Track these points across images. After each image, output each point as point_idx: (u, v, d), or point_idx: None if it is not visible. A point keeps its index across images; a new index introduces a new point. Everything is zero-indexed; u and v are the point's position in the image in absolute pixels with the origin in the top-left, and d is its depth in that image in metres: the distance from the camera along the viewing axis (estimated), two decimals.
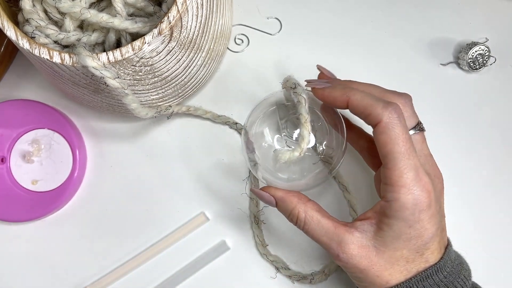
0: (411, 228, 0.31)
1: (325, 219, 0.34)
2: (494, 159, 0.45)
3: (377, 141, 0.32)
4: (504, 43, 0.47)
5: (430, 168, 0.34)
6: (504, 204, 0.44)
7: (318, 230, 0.33)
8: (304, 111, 0.35)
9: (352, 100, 0.33)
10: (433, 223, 0.32)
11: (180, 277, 0.43)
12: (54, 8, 0.36)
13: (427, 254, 0.32)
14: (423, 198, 0.31)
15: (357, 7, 0.48)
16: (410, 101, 0.35)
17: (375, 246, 0.32)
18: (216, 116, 0.45)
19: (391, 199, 0.31)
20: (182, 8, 0.33)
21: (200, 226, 0.44)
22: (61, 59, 0.33)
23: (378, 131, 0.32)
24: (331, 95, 0.34)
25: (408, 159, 0.31)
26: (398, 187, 0.31)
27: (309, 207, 0.34)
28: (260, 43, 0.47)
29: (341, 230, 0.33)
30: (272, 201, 0.36)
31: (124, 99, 0.35)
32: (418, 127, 0.34)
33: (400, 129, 0.31)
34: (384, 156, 0.32)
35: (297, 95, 0.36)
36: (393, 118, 0.31)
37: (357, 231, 0.33)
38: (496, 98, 0.46)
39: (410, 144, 0.31)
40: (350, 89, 0.33)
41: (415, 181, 0.31)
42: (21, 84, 0.46)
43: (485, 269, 0.42)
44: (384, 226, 0.32)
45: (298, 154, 0.34)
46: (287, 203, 0.35)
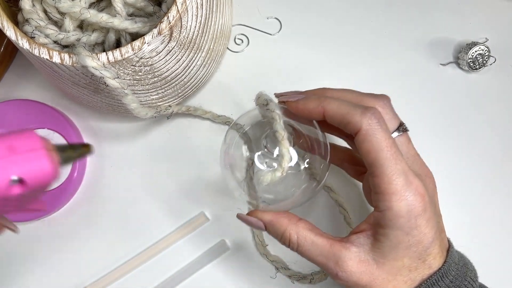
0: (409, 235, 0.30)
1: (319, 237, 0.32)
2: (494, 159, 0.45)
3: (361, 150, 0.30)
4: (504, 43, 0.47)
5: (420, 168, 0.33)
6: (505, 204, 0.44)
7: (313, 250, 0.32)
8: (280, 128, 0.32)
9: (328, 110, 0.31)
10: (431, 227, 0.30)
11: (180, 277, 0.43)
12: (53, 8, 0.36)
13: (430, 260, 0.31)
14: (417, 202, 0.30)
15: (357, 7, 0.48)
16: (389, 103, 0.33)
17: (374, 259, 0.31)
18: (216, 116, 0.45)
19: (384, 208, 0.30)
20: (181, 8, 0.33)
21: (200, 226, 0.44)
22: (61, 59, 0.33)
23: (360, 140, 0.30)
24: (306, 107, 0.33)
25: (395, 164, 0.29)
26: (389, 195, 0.29)
27: (300, 227, 0.32)
28: (260, 43, 0.47)
29: (337, 247, 0.31)
30: (261, 226, 0.34)
31: (124, 99, 0.35)
32: (401, 128, 0.33)
33: (382, 134, 0.30)
34: (370, 164, 0.30)
35: (270, 111, 0.33)
36: (373, 124, 0.30)
37: (354, 246, 0.31)
38: (496, 98, 0.46)
39: (395, 148, 0.30)
40: (324, 98, 0.32)
41: (406, 186, 0.29)
42: (21, 84, 0.46)
43: (485, 269, 0.43)
44: (380, 237, 0.30)
45: (280, 174, 0.32)
46: (276, 226, 0.33)
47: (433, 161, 0.34)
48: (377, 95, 0.33)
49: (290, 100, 0.34)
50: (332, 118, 0.32)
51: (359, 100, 0.33)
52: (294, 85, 0.46)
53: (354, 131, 0.30)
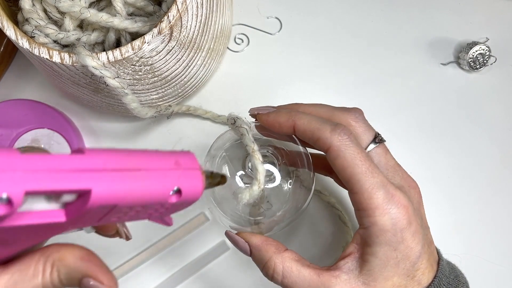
0: (396, 251, 0.29)
1: (306, 268, 0.30)
2: (495, 159, 0.45)
3: (335, 167, 0.30)
4: (505, 43, 0.47)
5: (402, 179, 0.31)
6: (506, 204, 0.44)
7: (300, 282, 0.30)
8: (249, 141, 0.31)
9: (298, 125, 0.31)
10: (417, 241, 0.29)
11: (180, 277, 0.43)
12: (53, 8, 0.35)
13: (419, 276, 0.30)
14: (401, 215, 0.28)
15: (357, 7, 0.48)
16: (361, 115, 0.32)
17: (365, 282, 0.29)
18: (216, 116, 0.45)
19: (368, 225, 0.29)
20: (182, 7, 0.33)
21: (200, 226, 0.44)
22: (61, 58, 0.33)
23: (332, 156, 0.29)
24: (276, 120, 0.32)
25: (372, 177, 0.29)
26: (372, 210, 0.28)
27: (286, 257, 0.31)
28: (260, 43, 0.47)
29: (326, 276, 0.30)
30: (247, 249, 0.32)
31: (124, 99, 0.35)
32: (377, 139, 0.32)
33: (354, 149, 0.29)
34: (347, 181, 0.29)
35: (238, 127, 0.33)
36: (343, 140, 0.29)
37: (343, 273, 0.30)
38: (497, 97, 0.46)
39: (369, 161, 0.29)
40: (296, 112, 0.32)
41: (387, 199, 0.28)
42: (20, 84, 0.46)
43: (482, 273, 0.42)
44: (368, 257, 0.29)
45: (257, 188, 0.31)
46: (262, 252, 0.31)
47: (433, 161, 0.34)
48: (349, 108, 0.33)
49: (260, 113, 0.33)
50: (303, 133, 0.31)
51: (330, 115, 0.32)
52: (293, 84, 0.46)
53: (324, 147, 0.30)
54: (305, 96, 0.46)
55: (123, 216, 0.24)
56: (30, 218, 0.20)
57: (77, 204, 0.20)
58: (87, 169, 0.20)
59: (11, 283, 0.24)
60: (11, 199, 0.17)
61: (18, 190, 0.18)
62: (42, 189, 0.18)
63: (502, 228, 0.44)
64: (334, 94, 0.46)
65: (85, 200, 0.20)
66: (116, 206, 0.21)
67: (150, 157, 0.23)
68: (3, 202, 0.17)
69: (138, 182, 0.22)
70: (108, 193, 0.20)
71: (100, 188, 0.20)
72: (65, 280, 0.25)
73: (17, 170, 0.18)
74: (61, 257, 0.25)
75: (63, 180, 0.19)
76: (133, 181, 0.22)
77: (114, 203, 0.21)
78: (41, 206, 0.20)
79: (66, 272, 0.25)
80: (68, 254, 0.25)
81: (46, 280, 0.25)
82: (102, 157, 0.21)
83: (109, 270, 0.26)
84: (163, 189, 0.23)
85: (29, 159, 0.18)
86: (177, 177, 0.24)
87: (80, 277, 0.25)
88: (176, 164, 0.24)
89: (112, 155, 0.21)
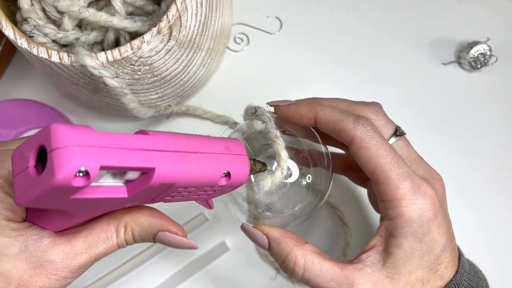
0: (422, 242, 0.28)
1: (328, 261, 0.29)
2: (495, 158, 0.45)
3: (359, 159, 0.29)
4: (506, 43, 0.47)
5: (425, 172, 0.31)
6: (507, 204, 0.44)
7: (322, 275, 0.29)
8: (272, 128, 0.31)
9: (320, 116, 0.31)
10: (442, 233, 0.29)
11: (180, 277, 0.43)
12: (52, 7, 0.35)
13: (441, 270, 0.29)
14: (428, 206, 0.28)
15: (357, 6, 0.48)
16: (381, 109, 0.32)
17: (388, 276, 0.29)
18: (215, 116, 0.45)
19: (394, 216, 0.28)
20: (181, 7, 0.33)
21: (200, 227, 0.43)
22: (60, 58, 0.33)
23: (356, 148, 0.29)
24: (297, 111, 0.32)
25: (398, 167, 0.28)
26: (398, 200, 0.28)
27: (308, 250, 0.30)
28: (260, 42, 0.47)
29: (349, 270, 0.29)
30: (265, 243, 0.31)
31: (123, 99, 0.35)
32: (398, 132, 0.32)
33: (378, 139, 0.29)
34: (372, 172, 0.29)
35: (260, 116, 0.32)
36: (367, 131, 0.29)
37: (366, 266, 0.29)
38: (498, 97, 0.46)
39: (394, 152, 0.29)
40: (317, 104, 0.31)
41: (414, 190, 0.28)
42: (19, 83, 0.46)
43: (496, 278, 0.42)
44: (393, 249, 0.29)
45: (280, 174, 0.30)
46: (282, 245, 0.30)
47: (433, 161, 0.34)
48: (369, 102, 0.33)
49: (281, 104, 0.33)
50: (324, 124, 0.31)
51: (350, 108, 0.32)
52: (294, 84, 0.46)
53: (347, 138, 0.30)
54: (305, 96, 0.46)
55: (176, 196, 0.26)
56: (98, 192, 0.21)
57: (140, 181, 0.22)
58: (152, 149, 0.22)
59: (86, 246, 0.27)
60: (89, 172, 0.19)
61: (95, 164, 0.19)
62: (116, 165, 0.20)
63: (502, 228, 0.44)
64: (334, 94, 0.46)
65: (149, 178, 0.22)
66: (174, 185, 0.23)
67: (205, 141, 0.25)
68: (82, 174, 0.19)
69: (195, 163, 0.24)
70: (169, 172, 0.22)
71: (163, 167, 0.22)
72: (139, 237, 0.28)
73: (94, 146, 0.19)
74: (133, 218, 0.28)
75: (133, 158, 0.21)
76: (191, 162, 0.23)
77: (173, 182, 0.23)
78: (107, 182, 0.22)
79: (141, 229, 0.28)
80: (139, 215, 0.28)
81: (121, 239, 0.28)
82: (165, 139, 0.23)
83: (175, 222, 0.29)
84: (216, 172, 0.25)
85: (103, 137, 0.20)
86: (228, 162, 0.26)
87: (155, 232, 0.28)
88: (226, 149, 0.26)
89: (173, 138, 0.23)
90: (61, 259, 0.26)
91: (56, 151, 0.18)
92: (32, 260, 0.25)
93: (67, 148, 0.18)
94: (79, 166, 0.19)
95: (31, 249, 0.25)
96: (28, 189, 0.20)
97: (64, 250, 0.26)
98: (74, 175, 0.19)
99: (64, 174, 0.18)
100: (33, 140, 0.20)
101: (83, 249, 0.26)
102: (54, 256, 0.25)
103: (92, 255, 0.27)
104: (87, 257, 0.27)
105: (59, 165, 0.18)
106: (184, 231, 0.30)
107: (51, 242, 0.25)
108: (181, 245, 0.29)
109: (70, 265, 0.26)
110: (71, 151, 0.18)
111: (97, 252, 0.27)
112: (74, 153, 0.19)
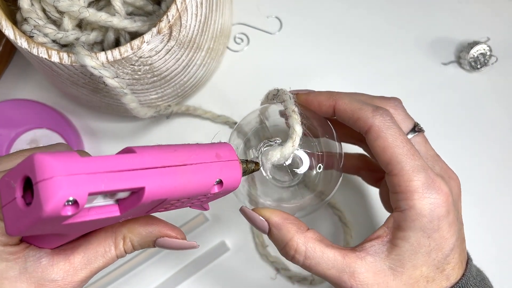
0: (430, 238, 0.28)
1: (330, 249, 0.29)
2: (495, 158, 0.45)
3: (374, 149, 0.29)
4: (506, 42, 0.47)
5: (442, 169, 0.31)
6: (506, 204, 0.44)
7: (324, 263, 0.29)
8: (290, 104, 0.30)
9: (339, 104, 0.31)
10: (452, 232, 0.28)
11: (180, 277, 0.43)
12: (52, 7, 0.35)
13: (448, 270, 0.29)
14: (441, 202, 0.28)
15: (357, 6, 0.48)
16: (400, 104, 0.32)
17: (391, 267, 0.28)
18: (215, 116, 0.45)
19: (405, 208, 0.28)
20: (181, 7, 0.33)
21: (200, 227, 0.43)
22: (60, 58, 0.33)
23: (373, 137, 0.29)
24: (316, 99, 0.32)
25: (413, 160, 0.28)
26: (410, 192, 0.28)
27: (309, 237, 0.29)
28: (260, 42, 0.47)
29: (351, 258, 0.28)
30: (265, 227, 0.30)
31: (123, 99, 0.35)
32: (416, 128, 0.31)
33: (396, 130, 0.29)
34: (387, 163, 0.29)
35: (280, 96, 0.32)
36: (385, 121, 0.29)
37: (369, 255, 0.29)
38: (498, 97, 0.46)
39: (411, 144, 0.29)
40: (337, 93, 0.32)
41: (428, 184, 0.28)
42: (19, 83, 0.46)
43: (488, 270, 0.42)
44: (399, 241, 0.28)
45: (291, 147, 0.29)
46: (283, 231, 0.30)
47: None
48: (389, 97, 0.32)
49: (300, 92, 0.33)
50: (343, 112, 0.31)
51: (370, 101, 0.32)
52: (294, 84, 0.46)
53: (364, 128, 0.29)
54: None
55: (170, 207, 0.25)
56: (90, 215, 0.21)
57: (131, 199, 0.22)
58: (140, 167, 0.21)
59: (85, 261, 0.26)
60: (77, 201, 0.19)
61: (83, 192, 0.19)
62: (104, 189, 0.20)
63: (502, 228, 0.44)
64: None
65: (139, 196, 0.22)
66: (166, 200, 0.23)
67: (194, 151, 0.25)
68: (70, 203, 0.19)
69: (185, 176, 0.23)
70: (159, 189, 0.22)
71: (153, 185, 0.22)
72: (139, 246, 0.28)
73: (80, 173, 0.19)
74: (130, 229, 0.28)
75: (121, 180, 0.20)
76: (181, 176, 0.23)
77: (165, 198, 0.23)
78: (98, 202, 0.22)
79: (139, 239, 0.28)
80: (136, 225, 0.28)
81: (120, 251, 0.28)
82: (152, 155, 0.22)
83: (173, 225, 0.29)
84: (208, 181, 0.25)
85: (88, 162, 0.20)
86: (219, 169, 0.25)
87: (154, 239, 0.28)
88: (217, 156, 0.26)
89: (161, 152, 0.23)
90: (62, 277, 0.26)
91: (42, 183, 0.18)
92: (33, 281, 0.25)
93: (53, 179, 0.18)
94: (67, 196, 0.18)
95: (30, 270, 0.25)
96: (18, 220, 0.20)
97: (64, 268, 0.26)
98: (62, 205, 0.19)
99: (52, 206, 0.18)
100: (18, 170, 0.19)
101: (82, 264, 0.26)
102: (54, 275, 0.25)
103: (92, 270, 0.27)
104: (87, 272, 0.27)
105: (46, 197, 0.18)
106: (182, 233, 0.29)
107: (50, 261, 0.25)
108: (181, 248, 0.29)
109: (72, 281, 0.26)
110: (57, 181, 0.18)
111: (96, 266, 0.27)
112: (60, 183, 0.18)
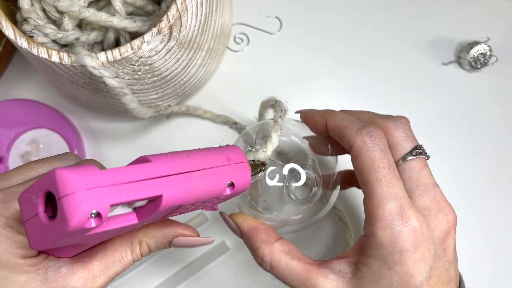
0: (391, 270, 0.27)
1: (295, 261, 0.29)
2: (495, 159, 0.45)
3: (354, 168, 0.29)
4: (506, 42, 0.47)
5: (431, 201, 0.29)
6: (506, 204, 0.44)
7: (287, 274, 0.30)
8: (277, 116, 0.32)
9: (330, 122, 0.31)
10: (421, 270, 0.27)
11: (180, 277, 0.43)
12: (52, 7, 0.35)
13: None
14: (405, 236, 0.26)
15: (357, 6, 0.48)
16: (404, 124, 0.31)
17: None
18: (215, 116, 0.45)
19: (368, 234, 0.28)
20: (181, 7, 0.33)
21: (200, 227, 0.43)
22: (60, 58, 0.33)
23: (353, 156, 0.29)
24: (312, 118, 0.33)
25: (387, 187, 0.27)
26: (375, 220, 0.27)
27: (275, 248, 0.30)
28: (260, 42, 0.47)
29: (314, 273, 0.29)
30: (238, 233, 0.32)
31: (123, 99, 0.35)
32: (414, 151, 0.30)
33: (377, 153, 0.28)
34: (362, 184, 0.28)
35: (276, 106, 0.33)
36: (367, 142, 0.28)
37: (332, 273, 0.29)
38: (498, 97, 0.46)
39: (390, 170, 0.27)
40: (331, 111, 0.32)
41: (395, 214, 0.27)
42: (19, 83, 0.46)
43: (489, 270, 0.42)
44: (362, 266, 0.28)
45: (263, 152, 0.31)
46: (252, 240, 0.31)
47: (433, 161, 0.34)
48: (393, 116, 0.31)
49: (303, 110, 0.35)
50: (332, 130, 0.31)
51: (370, 121, 0.31)
52: (294, 84, 0.46)
53: (347, 146, 0.29)
54: (305, 96, 0.46)
55: (184, 211, 0.26)
56: (110, 224, 0.22)
57: (149, 207, 0.23)
58: (157, 176, 0.22)
59: (103, 268, 0.27)
60: (100, 213, 0.20)
61: (105, 205, 0.20)
62: (124, 200, 0.21)
63: (502, 229, 0.44)
64: (335, 94, 0.46)
65: (157, 204, 0.22)
66: (182, 205, 0.24)
67: (206, 156, 0.26)
68: (93, 216, 0.20)
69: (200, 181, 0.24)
70: (176, 195, 0.23)
71: (169, 192, 0.22)
72: (155, 248, 0.29)
73: (101, 186, 0.20)
74: (146, 233, 0.28)
75: (140, 190, 0.21)
76: (196, 181, 0.24)
77: (181, 203, 0.23)
78: (117, 211, 0.22)
79: (155, 241, 0.29)
80: (150, 228, 0.29)
81: (136, 255, 0.28)
82: (167, 163, 0.23)
83: (186, 224, 0.30)
84: (220, 185, 0.26)
85: (107, 174, 0.20)
86: (230, 172, 0.26)
87: (169, 240, 0.29)
88: (227, 159, 0.27)
89: (175, 159, 0.24)
90: (82, 284, 0.26)
91: (65, 198, 0.19)
92: None
93: (75, 193, 0.19)
94: (90, 210, 0.19)
95: (51, 280, 0.25)
96: (42, 234, 0.21)
97: (83, 276, 0.26)
98: (86, 218, 0.19)
99: (77, 220, 0.19)
100: (39, 186, 0.20)
101: (101, 271, 0.27)
102: (74, 283, 0.26)
103: (110, 275, 0.27)
104: (106, 278, 0.27)
105: (70, 212, 0.19)
106: (196, 231, 0.30)
107: (69, 270, 0.26)
108: (196, 245, 0.30)
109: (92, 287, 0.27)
110: (80, 196, 0.19)
111: (114, 271, 0.28)
112: (83, 197, 0.19)
